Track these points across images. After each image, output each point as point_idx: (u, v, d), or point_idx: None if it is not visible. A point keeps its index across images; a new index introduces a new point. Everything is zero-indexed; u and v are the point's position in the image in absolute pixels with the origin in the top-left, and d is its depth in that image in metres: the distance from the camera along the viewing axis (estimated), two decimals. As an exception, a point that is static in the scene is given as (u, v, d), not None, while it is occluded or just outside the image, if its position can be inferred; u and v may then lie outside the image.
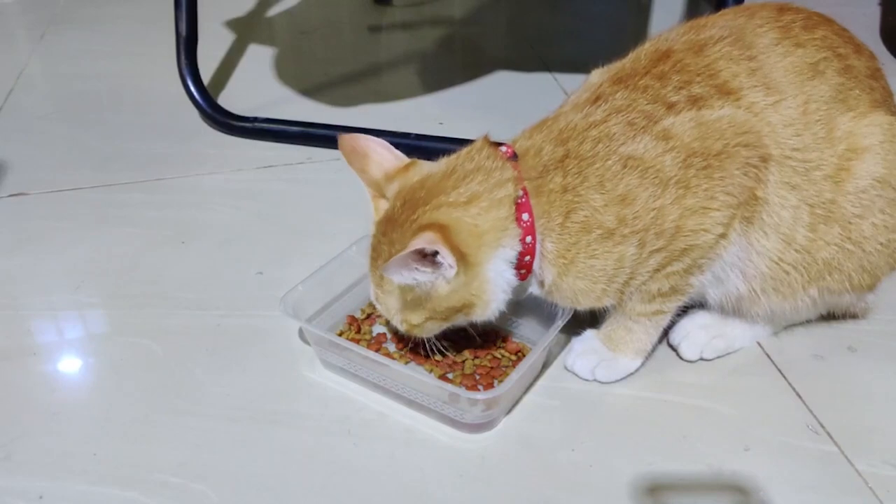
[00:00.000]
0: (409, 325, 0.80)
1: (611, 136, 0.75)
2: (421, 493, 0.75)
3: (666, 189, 0.74)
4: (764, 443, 0.79)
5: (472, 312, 0.78)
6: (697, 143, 0.74)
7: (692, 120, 0.74)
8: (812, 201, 0.77)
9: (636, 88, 0.77)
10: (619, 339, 0.85)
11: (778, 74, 0.77)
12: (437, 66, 1.72)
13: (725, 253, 0.79)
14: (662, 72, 0.77)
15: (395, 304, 0.80)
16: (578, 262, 0.76)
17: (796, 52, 0.77)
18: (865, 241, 0.79)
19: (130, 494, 0.75)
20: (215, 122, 1.42)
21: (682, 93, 0.76)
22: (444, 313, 0.78)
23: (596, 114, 0.76)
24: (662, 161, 0.74)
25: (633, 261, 0.76)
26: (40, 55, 1.78)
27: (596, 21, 1.94)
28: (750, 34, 0.78)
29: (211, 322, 0.97)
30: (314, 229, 1.14)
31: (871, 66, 0.82)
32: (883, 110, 0.79)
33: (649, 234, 0.75)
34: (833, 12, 0.83)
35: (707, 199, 0.75)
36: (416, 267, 0.73)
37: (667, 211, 0.74)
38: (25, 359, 0.92)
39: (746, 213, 0.77)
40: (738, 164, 0.74)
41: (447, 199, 0.74)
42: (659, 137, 0.74)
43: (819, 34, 0.79)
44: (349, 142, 0.82)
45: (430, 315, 0.78)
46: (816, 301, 0.84)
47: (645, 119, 0.75)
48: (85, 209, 1.21)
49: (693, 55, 0.78)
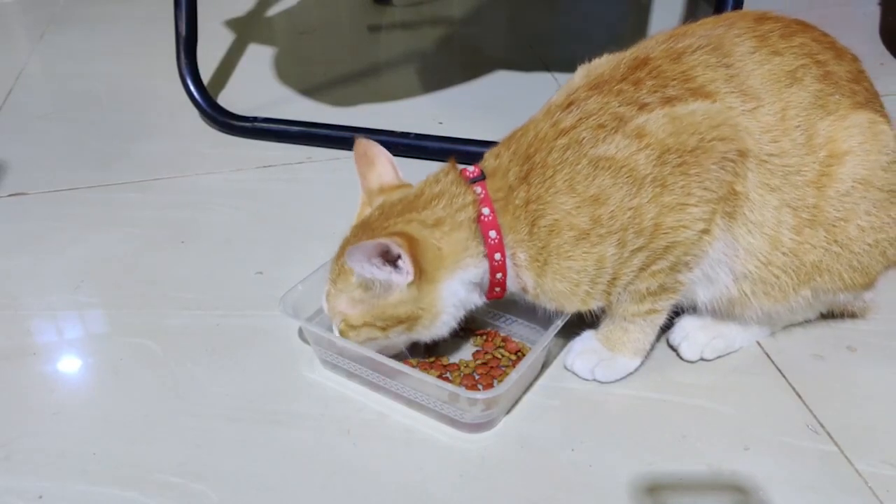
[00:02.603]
0: (347, 324, 0.81)
1: (580, 141, 0.76)
2: (421, 493, 0.75)
3: (642, 187, 0.74)
4: (764, 442, 0.79)
5: (414, 326, 0.80)
6: (672, 140, 0.74)
7: (665, 115, 0.75)
8: (795, 204, 0.78)
9: (610, 93, 0.77)
10: (616, 339, 0.85)
11: (755, 82, 0.77)
12: (437, 65, 1.72)
13: (711, 249, 0.79)
14: (638, 78, 0.77)
15: (342, 303, 0.81)
16: (553, 264, 0.77)
17: (773, 61, 0.78)
18: (852, 242, 0.79)
19: (130, 494, 0.75)
20: (215, 122, 1.42)
21: (656, 95, 0.76)
22: (386, 322, 0.79)
23: (566, 120, 0.77)
24: (636, 159, 0.74)
25: (614, 261, 0.76)
26: (40, 55, 1.78)
27: (596, 21, 1.94)
28: (728, 43, 0.78)
29: (210, 322, 0.97)
30: (314, 229, 1.14)
31: (854, 69, 0.81)
32: (865, 110, 0.79)
33: (628, 233, 0.75)
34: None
35: (684, 196, 0.75)
36: (377, 263, 0.76)
37: (644, 209, 0.75)
38: (25, 359, 0.92)
39: (727, 207, 0.77)
40: (715, 159, 0.75)
41: (418, 216, 0.78)
42: (631, 136, 0.74)
43: (797, 42, 0.79)
44: (363, 147, 0.86)
45: (371, 321, 0.80)
46: (811, 301, 0.84)
47: (616, 120, 0.75)
48: (85, 209, 1.21)
49: (670, 62, 0.78)
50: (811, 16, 0.84)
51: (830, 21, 0.84)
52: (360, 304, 0.80)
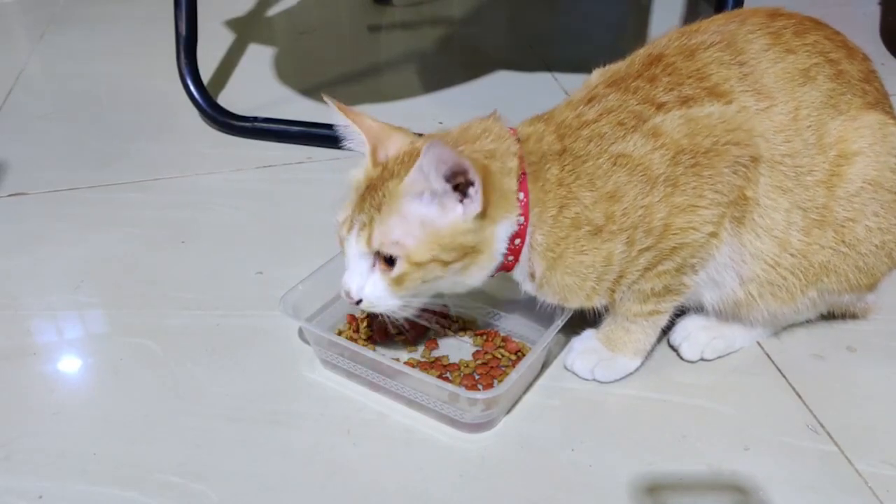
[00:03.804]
0: (411, 262, 0.73)
1: (602, 136, 0.75)
2: (421, 493, 0.75)
3: (654, 187, 0.74)
4: (764, 442, 0.79)
5: (472, 264, 0.75)
6: (686, 140, 0.74)
7: (681, 117, 0.75)
8: (805, 205, 0.77)
9: (627, 90, 0.77)
10: (617, 339, 0.85)
11: (769, 80, 0.77)
12: (437, 65, 1.71)
13: (718, 254, 0.79)
14: (653, 74, 0.77)
15: (396, 231, 0.72)
16: (567, 258, 0.77)
17: (787, 59, 0.77)
18: (860, 243, 0.79)
19: (130, 494, 0.75)
20: (215, 122, 1.42)
21: (673, 93, 0.76)
22: (452, 252, 0.73)
23: (588, 113, 0.77)
24: (651, 158, 0.74)
25: (622, 259, 0.76)
26: (40, 55, 1.78)
27: (596, 21, 1.94)
28: (741, 40, 0.78)
29: (211, 322, 0.97)
30: (314, 229, 1.13)
31: (865, 69, 0.81)
32: (875, 111, 0.79)
33: (638, 231, 0.75)
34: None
35: (695, 197, 0.75)
36: (444, 177, 0.70)
37: (655, 209, 0.74)
38: (25, 359, 0.92)
39: (736, 212, 0.77)
40: (728, 163, 0.74)
41: (475, 147, 0.75)
42: (648, 135, 0.74)
43: (810, 39, 0.79)
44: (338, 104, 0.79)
45: (437, 253, 0.72)
46: (816, 302, 0.84)
47: (635, 119, 0.75)
48: (85, 209, 1.21)
49: (684, 59, 0.78)
50: (811, 15, 0.84)
51: (830, 21, 0.83)
52: (418, 229, 0.72)
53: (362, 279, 0.76)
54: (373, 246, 0.73)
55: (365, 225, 0.74)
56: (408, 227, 0.73)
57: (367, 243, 0.74)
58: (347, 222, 0.76)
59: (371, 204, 0.74)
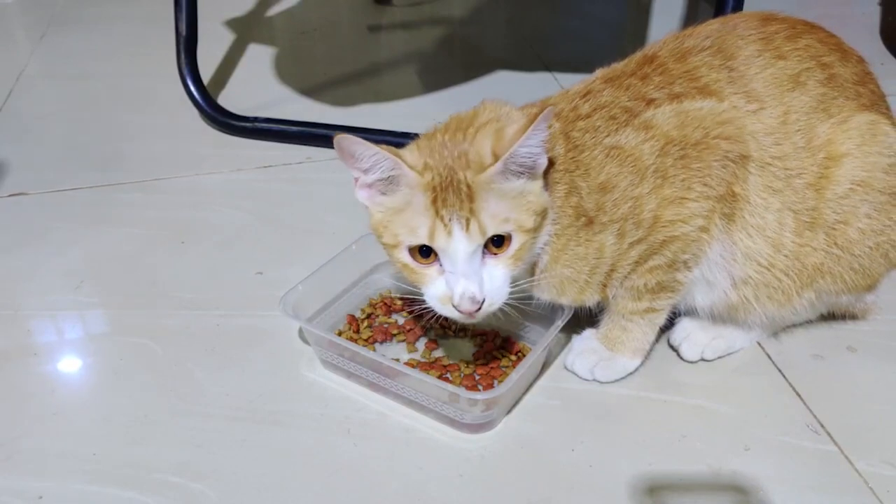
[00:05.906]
0: (523, 230, 0.72)
1: (596, 129, 0.76)
2: (421, 493, 0.75)
3: (644, 178, 0.75)
4: (764, 442, 0.79)
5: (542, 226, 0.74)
6: (676, 132, 0.75)
7: (673, 110, 0.76)
8: (796, 207, 0.78)
9: (620, 87, 0.78)
10: (616, 338, 0.86)
11: (758, 85, 0.77)
12: (437, 65, 1.71)
13: (710, 251, 0.79)
14: (645, 73, 0.79)
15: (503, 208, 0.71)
16: (568, 250, 0.77)
17: (777, 64, 0.78)
18: (853, 245, 0.79)
19: (130, 494, 0.75)
20: (215, 122, 1.42)
21: (664, 91, 0.77)
22: (538, 218, 0.73)
23: (583, 107, 0.78)
24: (641, 149, 0.75)
25: (613, 251, 0.77)
26: (40, 55, 1.78)
27: (596, 21, 1.94)
28: (732, 46, 0.78)
29: (210, 322, 0.97)
30: (314, 229, 1.14)
31: (859, 71, 0.81)
32: (867, 112, 0.79)
33: (628, 223, 0.75)
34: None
35: (684, 190, 0.75)
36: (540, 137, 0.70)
37: (644, 200, 0.75)
38: (25, 359, 0.92)
39: (726, 209, 0.77)
40: (717, 157, 0.75)
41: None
42: (639, 128, 0.75)
43: (802, 44, 0.79)
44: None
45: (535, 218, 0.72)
46: (814, 303, 0.84)
47: (626, 113, 0.76)
48: (85, 209, 1.21)
49: (675, 61, 0.79)
50: (811, 16, 0.84)
51: (830, 21, 0.84)
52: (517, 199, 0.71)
53: (479, 277, 0.73)
54: (487, 232, 0.71)
55: (468, 219, 0.71)
56: (509, 201, 0.71)
57: (480, 233, 0.71)
58: (437, 232, 0.71)
59: (457, 201, 0.70)
